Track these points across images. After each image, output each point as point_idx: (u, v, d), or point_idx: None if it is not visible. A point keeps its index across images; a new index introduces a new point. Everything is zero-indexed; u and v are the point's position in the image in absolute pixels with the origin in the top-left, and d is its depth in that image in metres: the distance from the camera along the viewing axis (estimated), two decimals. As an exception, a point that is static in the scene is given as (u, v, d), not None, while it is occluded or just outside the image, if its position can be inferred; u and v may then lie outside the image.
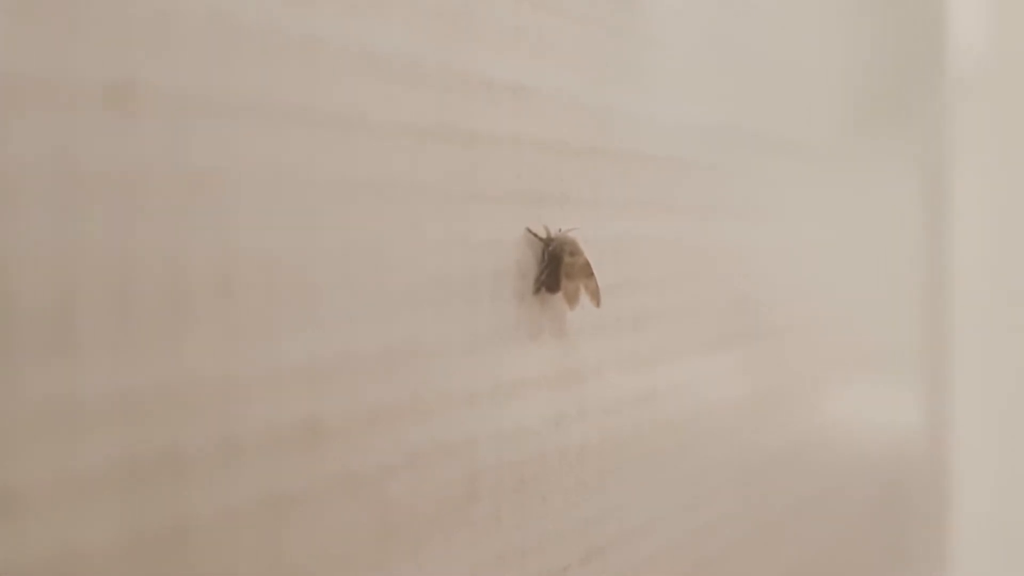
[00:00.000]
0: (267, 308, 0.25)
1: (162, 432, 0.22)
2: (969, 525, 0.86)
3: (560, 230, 0.35)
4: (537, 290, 0.34)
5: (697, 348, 0.46)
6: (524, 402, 0.33)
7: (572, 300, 0.34)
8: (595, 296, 0.35)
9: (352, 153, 0.27)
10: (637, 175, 0.41)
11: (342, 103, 0.27)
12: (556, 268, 0.34)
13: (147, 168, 0.22)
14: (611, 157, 0.40)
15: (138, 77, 0.22)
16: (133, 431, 0.22)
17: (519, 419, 0.33)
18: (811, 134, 0.60)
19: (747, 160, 0.51)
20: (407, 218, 0.29)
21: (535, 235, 0.34)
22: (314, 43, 0.26)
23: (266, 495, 0.24)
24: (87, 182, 0.21)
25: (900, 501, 0.77)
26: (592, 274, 0.35)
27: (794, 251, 0.58)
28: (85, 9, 0.21)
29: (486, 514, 0.31)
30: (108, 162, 0.21)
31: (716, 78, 0.48)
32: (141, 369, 0.22)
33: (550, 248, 0.34)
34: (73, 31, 0.21)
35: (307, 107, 0.26)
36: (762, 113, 0.53)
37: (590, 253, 0.36)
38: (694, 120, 0.46)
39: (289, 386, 0.25)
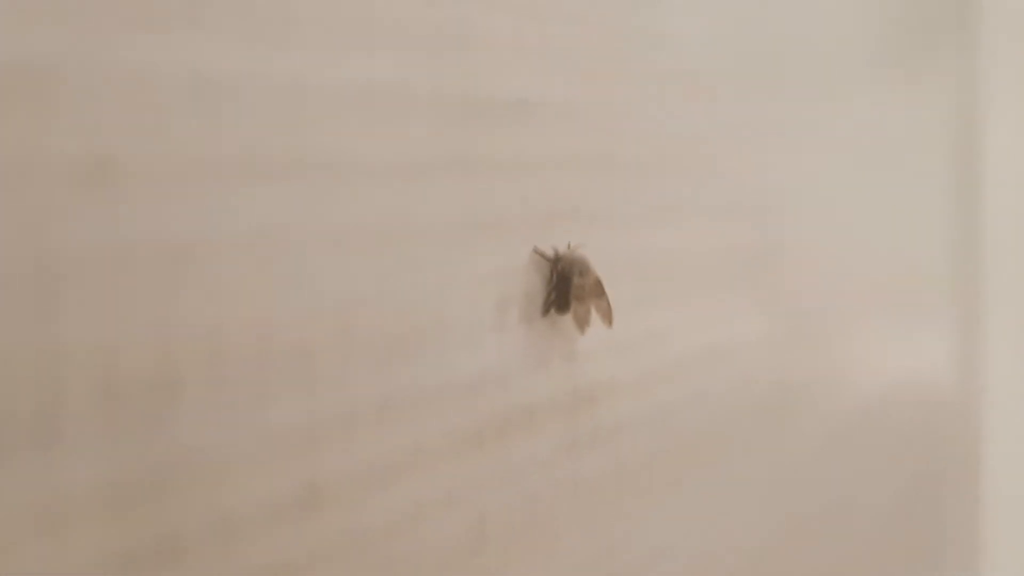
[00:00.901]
0: (261, 375, 0.25)
1: (156, 520, 0.22)
2: (1001, 465, 0.87)
3: (569, 246, 0.35)
4: (546, 312, 0.34)
5: (720, 315, 0.46)
6: (533, 433, 0.34)
7: (583, 323, 0.34)
8: (607, 316, 0.36)
9: (345, 200, 0.27)
10: (654, 180, 0.41)
11: (332, 149, 0.27)
12: (565, 289, 0.34)
13: (130, 245, 0.22)
14: (625, 165, 0.40)
15: (117, 150, 0.22)
16: (124, 524, 0.22)
17: (529, 452, 0.34)
18: (841, 66, 0.60)
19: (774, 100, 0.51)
20: (406, 261, 0.29)
21: (543, 255, 0.34)
22: (299, 89, 0.26)
23: (266, 568, 0.25)
24: (66, 265, 0.21)
25: (929, 444, 0.77)
26: (603, 293, 0.35)
27: (821, 188, 0.57)
28: (60, 84, 0.21)
29: (495, 558, 0.32)
30: (88, 242, 0.22)
31: (734, 72, 0.47)
32: (129, 456, 0.22)
33: (559, 268, 0.35)
34: (49, 106, 0.21)
35: (296, 159, 0.26)
36: (790, 46, 0.53)
37: (603, 268, 0.36)
38: (716, 117, 0.46)
39: (285, 453, 0.25)
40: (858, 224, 0.63)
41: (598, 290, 0.35)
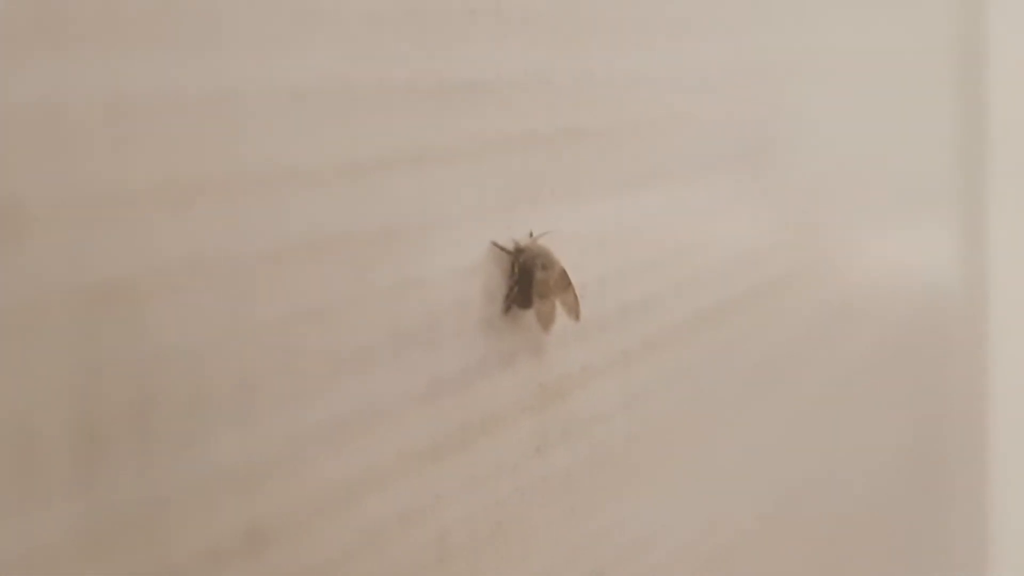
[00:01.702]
0: (193, 418, 0.24)
1: (82, 583, 0.22)
2: (1007, 368, 0.87)
3: (532, 235, 0.35)
4: (507, 309, 0.34)
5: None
6: (498, 438, 0.34)
7: (547, 322, 0.34)
8: (574, 310, 0.35)
9: (283, 213, 0.27)
10: (628, 145, 0.41)
11: (266, 160, 0.26)
12: (527, 284, 0.34)
13: (41, 294, 0.22)
14: (591, 134, 0.39)
15: (24, 194, 0.21)
16: (48, 591, 0.22)
17: (493, 458, 0.33)
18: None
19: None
20: (350, 272, 0.29)
21: (502, 249, 0.34)
22: (227, 100, 0.25)
23: (208, 617, 0.25)
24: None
25: (936, 348, 0.78)
26: (570, 285, 0.35)
27: (819, 81, 0.57)
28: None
29: (460, 573, 0.32)
30: (-3, 293, 0.21)
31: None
32: (49, 520, 0.22)
33: (520, 260, 0.34)
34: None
35: (225, 174, 0.25)
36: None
37: (569, 250, 0.36)
38: (697, 56, 0.45)
39: (223, 498, 0.25)
40: (860, 123, 0.62)
41: (563, 282, 0.35)
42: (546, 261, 0.34)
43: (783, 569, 0.54)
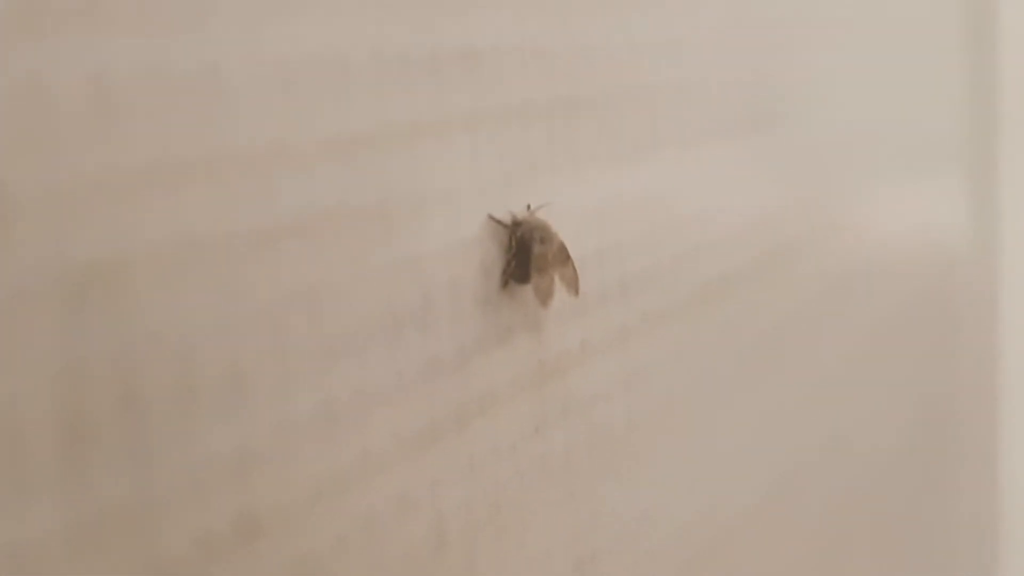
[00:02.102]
0: (182, 406, 0.24)
1: (71, 579, 0.22)
2: (1020, 332, 0.87)
3: (529, 208, 0.35)
4: (505, 284, 0.34)
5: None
6: (496, 419, 0.33)
7: (545, 297, 0.34)
8: (573, 284, 0.35)
9: (273, 193, 0.26)
10: (625, 114, 0.40)
11: (252, 137, 0.26)
12: (525, 258, 0.34)
13: (25, 281, 0.21)
14: (589, 103, 0.39)
15: (5, 178, 0.21)
16: (36, 588, 0.21)
17: (490, 439, 0.33)
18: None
19: None
20: (343, 252, 0.28)
21: (499, 222, 0.34)
22: (214, 77, 0.25)
23: (200, 610, 0.25)
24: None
25: (946, 308, 0.78)
26: (568, 258, 0.35)
27: (826, 41, 0.57)
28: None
29: (458, 558, 0.32)
30: (-22, 282, 0.21)
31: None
32: (37, 515, 0.22)
33: (517, 234, 0.34)
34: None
35: (211, 154, 0.25)
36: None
37: (568, 227, 0.36)
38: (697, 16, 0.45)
39: (214, 489, 0.25)
40: (868, 83, 0.62)
41: (562, 256, 0.34)
42: (544, 234, 0.34)
43: (784, 551, 0.54)
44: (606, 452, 0.39)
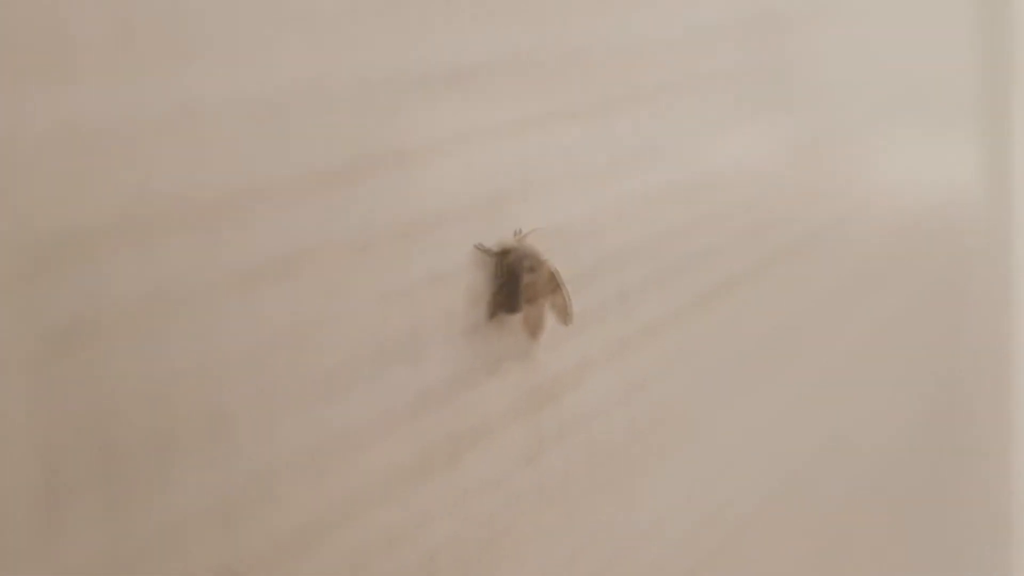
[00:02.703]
0: (162, 457, 0.24)
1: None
2: None
3: (519, 233, 0.35)
4: (493, 315, 0.34)
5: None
6: (487, 450, 0.34)
7: (535, 328, 0.34)
8: (564, 312, 0.35)
9: (250, 233, 0.27)
10: (622, 121, 0.41)
11: (230, 177, 0.26)
12: (514, 288, 0.34)
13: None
14: (584, 113, 0.39)
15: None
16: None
17: (483, 472, 0.33)
18: None
19: None
20: (326, 288, 0.28)
21: (486, 251, 0.34)
22: (189, 119, 0.25)
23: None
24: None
25: (959, 268, 0.77)
26: (558, 286, 0.35)
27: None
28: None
29: (450, 594, 0.32)
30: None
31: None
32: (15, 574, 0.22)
33: (506, 263, 0.34)
34: None
35: (187, 198, 0.25)
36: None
37: (562, 244, 0.36)
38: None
39: (195, 540, 0.25)
40: (878, 32, 0.62)
41: (552, 284, 0.35)
42: (533, 262, 0.34)
43: (790, 552, 0.54)
44: (605, 470, 0.39)
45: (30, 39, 0.22)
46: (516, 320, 0.34)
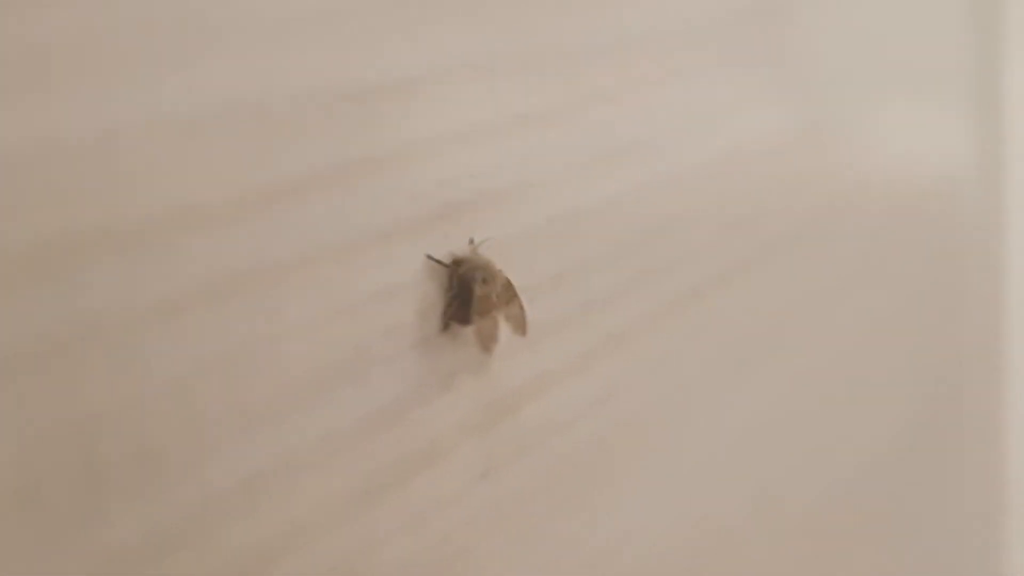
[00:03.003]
0: (84, 494, 0.24)
1: None
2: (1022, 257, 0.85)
3: (472, 242, 0.34)
4: (445, 327, 0.33)
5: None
6: (439, 468, 0.33)
7: (488, 342, 0.33)
8: (520, 324, 0.34)
9: (175, 261, 0.26)
10: (580, 126, 0.40)
11: (152, 201, 0.25)
12: (467, 299, 0.33)
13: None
14: (544, 116, 0.38)
15: None
16: None
17: (435, 491, 0.33)
18: None
19: None
20: (262, 311, 0.28)
21: (438, 262, 0.33)
22: (103, 140, 0.24)
23: None
24: None
25: (951, 238, 0.77)
26: (515, 296, 0.34)
27: None
28: None
29: (401, 621, 0.31)
30: None
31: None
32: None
33: (458, 273, 0.33)
34: None
35: (108, 226, 0.24)
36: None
37: (519, 254, 0.35)
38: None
39: (121, 582, 0.24)
40: (872, 16, 0.61)
41: (507, 294, 0.34)
42: (486, 274, 0.33)
43: (773, 558, 0.54)
44: (565, 485, 0.38)
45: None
46: (469, 331, 0.33)
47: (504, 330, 0.34)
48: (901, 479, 0.68)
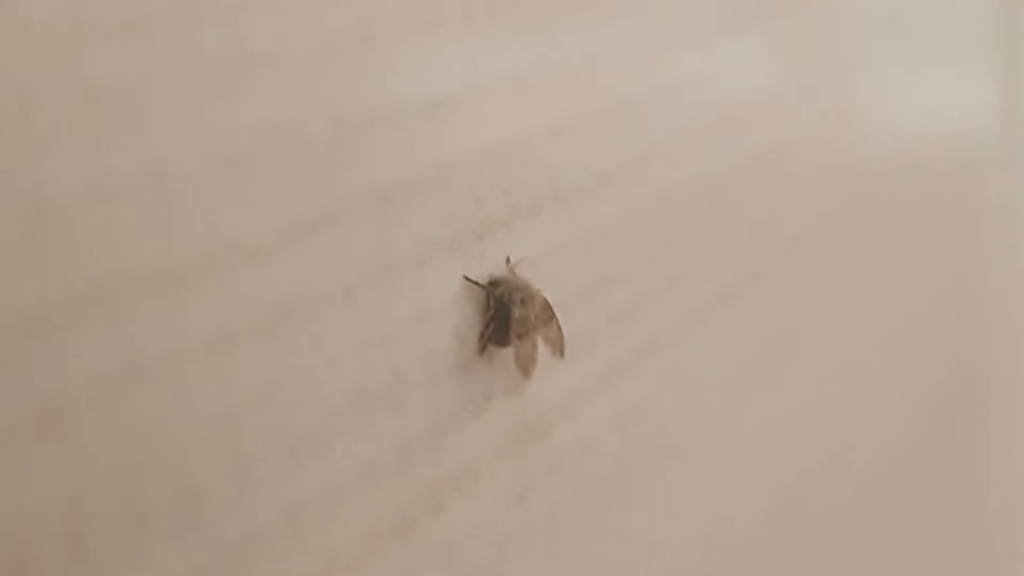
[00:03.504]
0: (135, 535, 0.24)
1: None
2: None
3: (508, 261, 0.34)
4: (482, 349, 0.33)
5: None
6: (474, 496, 0.33)
7: (527, 365, 0.33)
8: (558, 345, 0.34)
9: (221, 297, 0.26)
10: (610, 127, 0.40)
11: (199, 239, 0.25)
12: (505, 321, 0.33)
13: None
14: (572, 126, 0.38)
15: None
16: None
17: (469, 519, 0.33)
18: None
19: None
20: (302, 344, 0.28)
21: (475, 283, 0.33)
22: (149, 177, 0.24)
23: None
24: None
25: (972, 205, 0.77)
26: (552, 317, 0.34)
27: None
28: None
29: (436, 651, 0.32)
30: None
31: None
32: None
33: (496, 294, 0.33)
34: None
35: (154, 267, 0.24)
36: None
37: (552, 270, 0.35)
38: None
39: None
40: None
41: (546, 315, 0.34)
42: (525, 295, 0.33)
43: (797, 557, 0.54)
44: (596, 503, 0.38)
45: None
46: (506, 353, 0.34)
47: (542, 351, 0.34)
48: (928, 471, 0.69)
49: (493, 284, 0.33)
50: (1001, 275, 0.82)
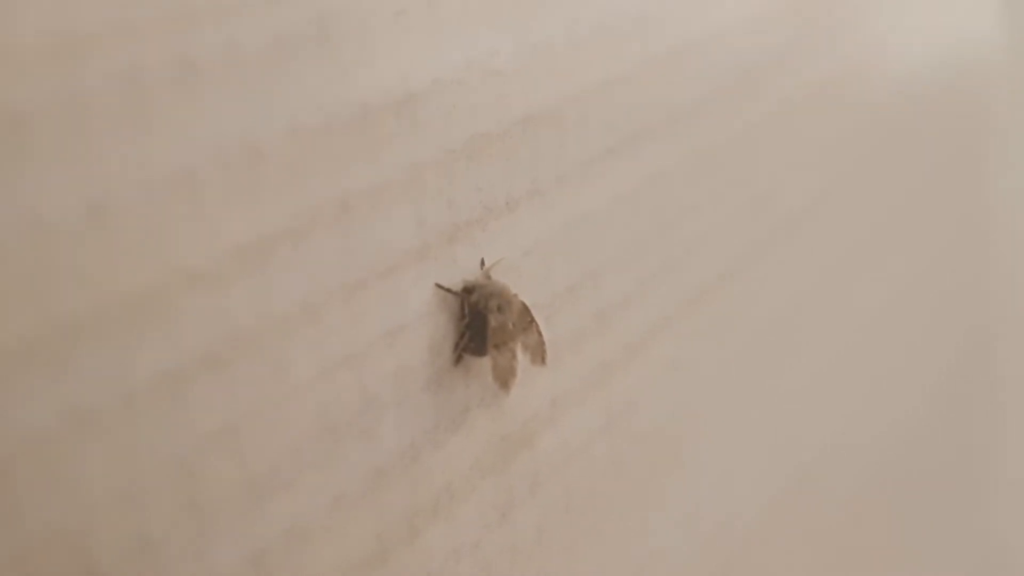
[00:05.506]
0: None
1: None
2: None
3: (483, 265, 0.34)
4: (458, 360, 0.33)
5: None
6: (453, 517, 0.33)
7: (506, 377, 0.33)
8: (539, 353, 0.34)
9: (172, 331, 0.25)
10: (594, 116, 0.39)
11: (146, 273, 0.25)
12: (481, 329, 0.33)
13: None
14: (550, 116, 0.37)
15: None
16: None
17: (449, 542, 0.33)
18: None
19: None
20: (265, 372, 0.27)
21: (448, 291, 0.33)
22: (89, 213, 0.24)
23: None
24: None
25: (979, 134, 0.76)
26: (532, 322, 0.34)
27: None
28: None
29: None
30: None
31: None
32: None
33: (471, 300, 0.33)
34: None
35: (96, 307, 0.24)
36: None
37: (530, 271, 0.35)
38: None
39: None
40: None
41: (524, 321, 0.33)
42: (501, 301, 0.33)
43: (803, 546, 0.54)
44: (588, 514, 0.38)
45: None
46: (483, 363, 0.33)
47: (521, 359, 0.34)
48: (936, 456, 0.69)
49: (467, 291, 0.33)
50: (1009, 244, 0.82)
